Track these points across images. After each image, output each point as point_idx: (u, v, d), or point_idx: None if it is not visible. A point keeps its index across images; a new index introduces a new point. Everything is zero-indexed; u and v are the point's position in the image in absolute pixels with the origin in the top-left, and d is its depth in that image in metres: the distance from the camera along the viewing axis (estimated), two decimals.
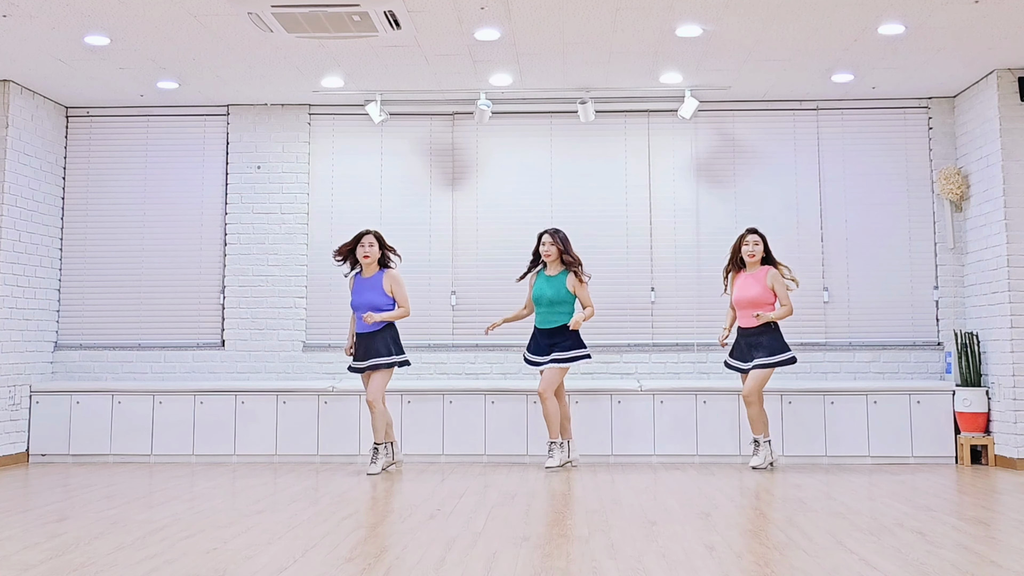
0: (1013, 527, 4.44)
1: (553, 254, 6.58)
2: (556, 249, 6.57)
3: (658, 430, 7.10)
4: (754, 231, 6.68)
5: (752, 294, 6.55)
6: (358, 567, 3.61)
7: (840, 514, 4.79)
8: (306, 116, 7.82)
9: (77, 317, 7.75)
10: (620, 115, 7.75)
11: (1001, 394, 6.78)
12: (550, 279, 6.59)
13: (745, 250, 6.64)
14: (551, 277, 6.60)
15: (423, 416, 7.16)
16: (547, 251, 6.59)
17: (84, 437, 7.27)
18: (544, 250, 6.60)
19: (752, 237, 6.65)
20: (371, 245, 6.46)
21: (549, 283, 6.58)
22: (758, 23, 5.93)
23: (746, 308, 6.58)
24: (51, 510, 4.98)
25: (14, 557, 3.81)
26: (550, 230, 6.66)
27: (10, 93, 7.09)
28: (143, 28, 5.98)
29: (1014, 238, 6.74)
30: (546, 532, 4.31)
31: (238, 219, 7.75)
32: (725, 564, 3.64)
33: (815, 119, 7.70)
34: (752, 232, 6.68)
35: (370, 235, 6.51)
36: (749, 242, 6.64)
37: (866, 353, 7.44)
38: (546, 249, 6.59)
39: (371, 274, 6.49)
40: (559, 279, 6.57)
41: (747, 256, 6.64)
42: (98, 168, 7.88)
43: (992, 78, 6.89)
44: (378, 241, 6.51)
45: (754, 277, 6.61)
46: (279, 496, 5.48)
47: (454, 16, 5.81)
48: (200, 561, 3.71)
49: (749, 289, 6.58)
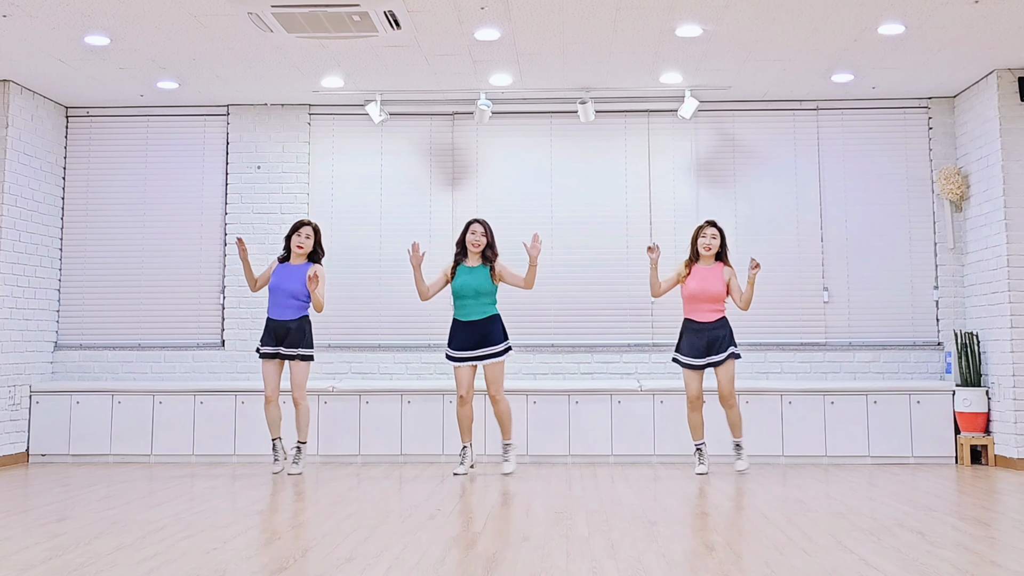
0: (1013, 527, 4.44)
1: (482, 244, 6.37)
2: (486, 240, 6.38)
3: (658, 430, 7.10)
4: (713, 224, 6.50)
5: (715, 289, 6.35)
6: (358, 567, 3.61)
7: (840, 514, 4.79)
8: (306, 116, 7.82)
9: (77, 317, 7.75)
10: (620, 115, 7.75)
11: (1001, 394, 6.78)
12: (472, 270, 6.37)
13: (702, 242, 6.42)
14: (473, 268, 6.38)
15: (423, 416, 7.16)
16: (477, 240, 6.36)
17: (84, 437, 7.27)
18: (474, 239, 6.36)
19: (711, 230, 6.44)
20: (308, 237, 6.50)
21: (472, 274, 6.36)
22: (758, 23, 5.93)
23: (707, 302, 6.36)
24: (51, 510, 4.98)
25: (14, 557, 3.81)
26: (481, 220, 6.47)
27: (10, 93, 7.09)
28: (143, 28, 5.98)
29: (1014, 238, 6.74)
30: (546, 532, 4.31)
31: (238, 219, 7.75)
32: (725, 564, 3.64)
33: (815, 119, 7.70)
34: (712, 225, 6.47)
35: (309, 227, 6.53)
36: (707, 235, 6.43)
37: (866, 353, 7.44)
38: (476, 239, 6.36)
39: (299, 263, 6.51)
40: (482, 271, 6.36)
41: (703, 248, 6.41)
42: (98, 168, 7.88)
43: (992, 78, 6.89)
44: (315, 234, 6.54)
45: (711, 272, 6.41)
46: (279, 496, 5.47)
47: (454, 16, 5.81)
48: (200, 561, 3.71)
49: (711, 283, 6.37)
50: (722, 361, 6.30)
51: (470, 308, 6.36)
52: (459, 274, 6.40)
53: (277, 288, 6.47)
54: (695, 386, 6.38)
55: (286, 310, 6.44)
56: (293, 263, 6.52)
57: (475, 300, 6.34)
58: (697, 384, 6.38)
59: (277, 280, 6.49)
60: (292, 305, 6.45)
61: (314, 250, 6.55)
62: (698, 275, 6.42)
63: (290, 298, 6.44)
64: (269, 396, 6.43)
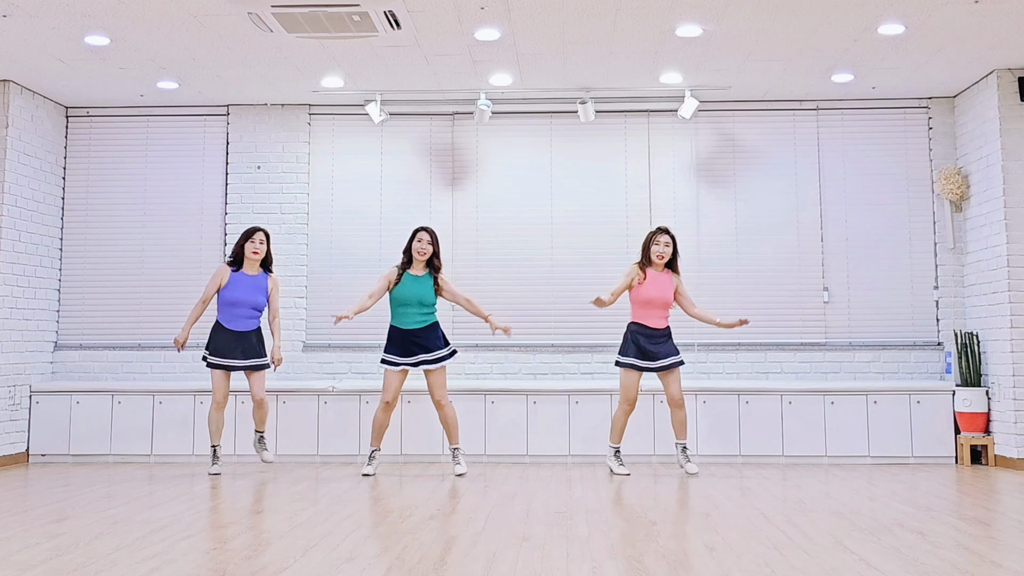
0: (1013, 527, 4.44)
1: (428, 253, 6.31)
2: (432, 248, 6.32)
3: (657, 430, 7.09)
4: (667, 231, 6.45)
5: (668, 296, 6.37)
6: (358, 567, 3.61)
7: (840, 514, 4.79)
8: (306, 116, 7.82)
9: (77, 317, 7.75)
10: (620, 115, 7.75)
11: (1001, 394, 6.78)
12: (418, 279, 6.32)
13: (655, 250, 6.38)
14: (419, 277, 6.33)
15: (423, 416, 7.16)
16: (423, 249, 6.29)
17: (84, 437, 7.27)
18: (420, 247, 6.30)
19: (664, 238, 6.40)
20: (262, 243, 6.45)
21: (418, 283, 6.31)
22: (758, 23, 5.93)
23: (659, 309, 6.36)
24: (51, 510, 4.98)
25: (14, 557, 3.81)
26: (428, 228, 6.38)
27: (10, 93, 7.09)
28: (143, 28, 5.98)
29: (1014, 238, 6.74)
30: (546, 532, 4.31)
31: (238, 219, 7.75)
32: (725, 564, 3.64)
33: (815, 119, 7.70)
34: (665, 232, 6.43)
35: (261, 232, 6.48)
36: (660, 242, 6.39)
37: (866, 353, 7.44)
38: (422, 247, 6.29)
39: (254, 273, 6.47)
40: (427, 280, 6.33)
41: (656, 256, 6.38)
42: (98, 168, 7.88)
43: (992, 78, 6.89)
44: (267, 241, 6.51)
45: (662, 280, 6.40)
46: (279, 496, 5.47)
47: (454, 16, 5.81)
48: (200, 561, 3.71)
49: (666, 291, 6.37)
50: (672, 366, 6.32)
51: (412, 316, 6.31)
52: (404, 281, 6.31)
53: (239, 301, 6.37)
54: (636, 389, 6.36)
55: (247, 320, 6.42)
56: (248, 271, 6.46)
57: (418, 309, 6.31)
58: (638, 387, 6.37)
59: (239, 293, 6.38)
60: (254, 316, 6.45)
61: (266, 257, 6.51)
62: (654, 281, 6.39)
63: (252, 309, 6.42)
64: (221, 402, 6.40)
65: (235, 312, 6.40)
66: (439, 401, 6.32)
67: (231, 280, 6.43)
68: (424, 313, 6.33)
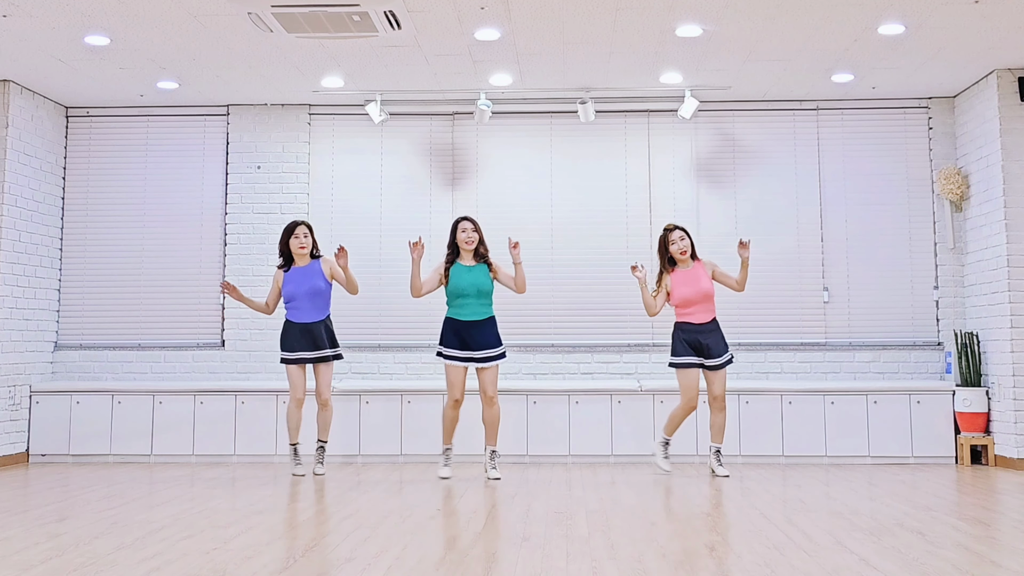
0: (1013, 527, 4.44)
1: (475, 241, 6.19)
2: (477, 236, 6.20)
3: (658, 430, 7.08)
4: (676, 226, 6.39)
5: (707, 287, 6.26)
6: (358, 567, 3.61)
7: (840, 514, 4.79)
8: (306, 116, 7.83)
9: (77, 317, 7.75)
10: (620, 115, 7.75)
11: (1001, 394, 6.78)
12: (471, 269, 6.18)
13: (674, 248, 6.31)
14: (471, 267, 6.19)
15: (423, 416, 7.16)
16: (469, 238, 6.18)
17: (84, 437, 7.27)
18: (465, 237, 6.18)
19: (678, 233, 6.34)
20: (306, 236, 6.44)
21: (472, 273, 6.17)
22: (758, 23, 5.93)
23: (699, 304, 6.27)
24: (51, 510, 4.98)
25: (14, 557, 3.81)
26: (469, 217, 6.29)
27: (10, 93, 7.09)
28: (143, 28, 5.98)
29: (1014, 238, 6.74)
30: (546, 532, 4.30)
31: (238, 219, 7.75)
32: (725, 564, 3.64)
33: (815, 119, 7.70)
34: (676, 228, 6.37)
35: (303, 226, 6.47)
36: (676, 239, 6.32)
37: (866, 353, 7.44)
38: (467, 236, 6.18)
39: (305, 264, 6.45)
40: (480, 269, 6.19)
41: (678, 253, 6.30)
42: (98, 168, 7.88)
43: (992, 78, 6.89)
44: (310, 231, 6.49)
45: (693, 272, 6.31)
46: (279, 496, 5.47)
47: (454, 16, 5.81)
48: (200, 561, 3.71)
49: (699, 283, 6.27)
50: (719, 366, 6.25)
51: (471, 308, 6.17)
52: (457, 273, 6.18)
53: (295, 295, 6.37)
54: (695, 387, 6.26)
55: (311, 311, 6.38)
56: (299, 265, 6.45)
57: (476, 299, 6.17)
58: (697, 385, 6.28)
59: (293, 287, 6.38)
60: (317, 305, 6.39)
61: (313, 247, 6.50)
62: (683, 279, 6.31)
63: (314, 297, 6.37)
64: (300, 399, 6.35)
65: (295, 305, 6.39)
66: (491, 398, 6.18)
67: (285, 279, 6.44)
68: (482, 304, 6.18)
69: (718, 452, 6.38)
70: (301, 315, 6.39)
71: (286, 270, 6.47)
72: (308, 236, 6.46)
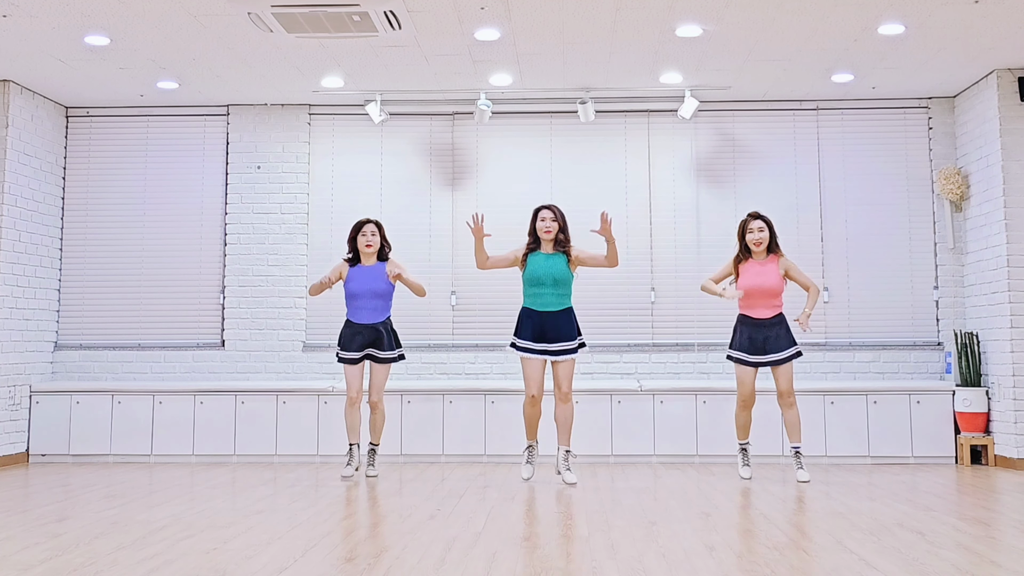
0: (1013, 527, 4.44)
1: (554, 230, 5.98)
2: (558, 224, 5.98)
3: (658, 430, 7.09)
4: (758, 216, 6.13)
5: (771, 283, 6.03)
6: (358, 567, 3.61)
7: (840, 514, 4.79)
8: (306, 116, 7.83)
9: (77, 317, 7.75)
10: (620, 115, 7.75)
11: (1001, 394, 6.78)
12: (549, 257, 5.98)
13: (751, 238, 6.07)
14: (550, 256, 5.98)
15: (423, 416, 7.16)
16: (548, 227, 5.96)
17: (84, 437, 7.27)
18: (544, 226, 5.97)
19: (756, 223, 6.09)
20: (373, 234, 6.32)
21: (550, 261, 5.96)
22: (758, 23, 5.93)
23: (764, 299, 6.01)
24: (51, 510, 4.98)
25: (14, 557, 3.81)
26: (551, 205, 6.08)
27: (10, 93, 7.09)
28: (143, 28, 5.98)
29: (1014, 238, 6.74)
30: (546, 532, 4.30)
31: (238, 219, 7.75)
32: (725, 564, 3.64)
33: (815, 119, 7.70)
34: (757, 217, 6.13)
35: (372, 224, 6.36)
36: (754, 229, 6.08)
37: (866, 353, 7.44)
38: (546, 225, 5.96)
39: (371, 264, 6.33)
40: (559, 258, 5.98)
41: (753, 244, 6.06)
42: (98, 168, 7.88)
43: (992, 78, 6.89)
44: (380, 230, 6.39)
45: (764, 266, 6.10)
46: (279, 496, 5.47)
47: (454, 16, 5.81)
48: (200, 561, 3.71)
49: (766, 278, 6.05)
50: (783, 360, 6.03)
51: (548, 298, 5.94)
52: (535, 261, 5.98)
53: (358, 293, 6.26)
54: (750, 384, 6.10)
55: (372, 312, 6.25)
56: (365, 264, 6.32)
57: (554, 289, 5.96)
58: (751, 382, 6.11)
59: (355, 285, 6.26)
60: (379, 307, 6.27)
61: (381, 246, 6.36)
62: (751, 271, 6.09)
63: (376, 299, 6.26)
64: (355, 398, 6.24)
65: (357, 304, 6.27)
66: (565, 393, 5.95)
67: (349, 275, 6.31)
68: (559, 295, 5.96)
69: (797, 453, 6.09)
70: (362, 316, 6.26)
71: (352, 265, 6.35)
72: (376, 235, 6.32)
